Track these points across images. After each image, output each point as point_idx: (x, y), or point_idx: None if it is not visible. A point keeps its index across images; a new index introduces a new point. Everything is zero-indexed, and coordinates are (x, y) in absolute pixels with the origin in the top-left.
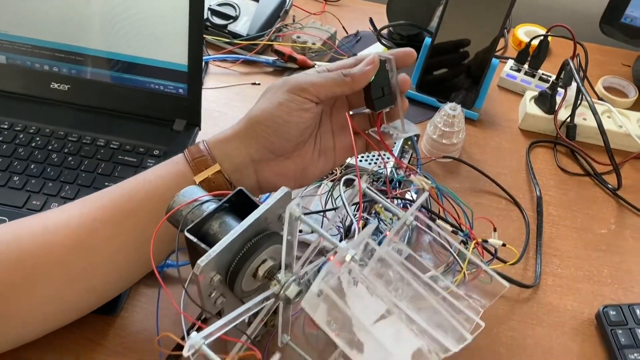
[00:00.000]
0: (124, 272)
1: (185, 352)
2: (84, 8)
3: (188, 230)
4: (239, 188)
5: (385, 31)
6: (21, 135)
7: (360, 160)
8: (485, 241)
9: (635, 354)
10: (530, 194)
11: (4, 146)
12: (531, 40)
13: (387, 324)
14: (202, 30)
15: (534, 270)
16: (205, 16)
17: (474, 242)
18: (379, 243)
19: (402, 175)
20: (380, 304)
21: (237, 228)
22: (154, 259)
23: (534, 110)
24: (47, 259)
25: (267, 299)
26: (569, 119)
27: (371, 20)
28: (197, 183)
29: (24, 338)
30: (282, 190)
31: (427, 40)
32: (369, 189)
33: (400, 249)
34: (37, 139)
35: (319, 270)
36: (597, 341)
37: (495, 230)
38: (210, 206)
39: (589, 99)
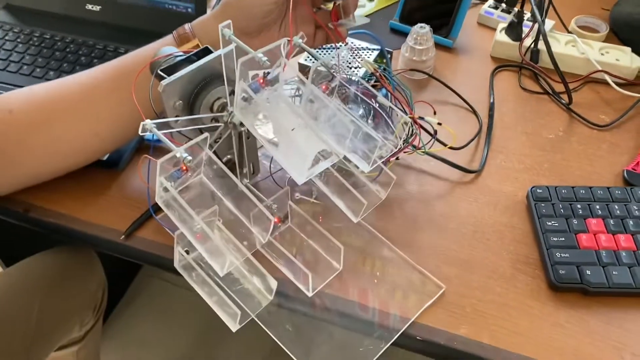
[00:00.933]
0: (122, 123)
1: (140, 132)
2: None
3: (161, 70)
4: (205, 46)
5: None
6: (59, 43)
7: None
8: (422, 118)
9: (552, 221)
10: (489, 105)
11: (45, 50)
12: None
13: (301, 132)
14: None
15: (479, 161)
16: None
17: (410, 116)
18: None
19: (369, 75)
20: (297, 119)
21: (195, 64)
22: (146, 116)
23: (503, 38)
24: (63, 104)
25: (216, 120)
26: (533, 45)
27: None
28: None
29: (42, 172)
30: (234, 44)
31: None
32: (302, 45)
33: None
34: (71, 46)
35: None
36: (525, 216)
37: (435, 113)
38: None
39: (539, 18)
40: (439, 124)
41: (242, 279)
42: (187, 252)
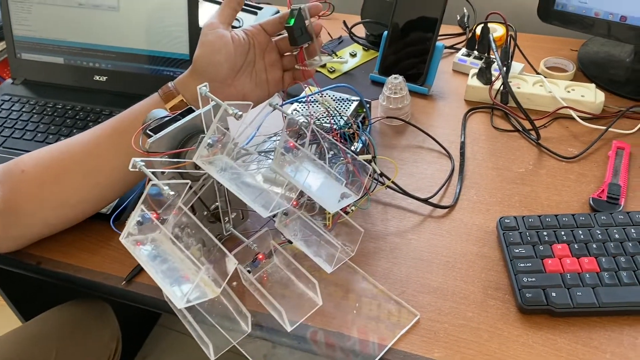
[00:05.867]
0: (121, 174)
1: (130, 167)
2: (118, 18)
3: (149, 130)
4: (188, 107)
5: (363, 34)
6: (69, 112)
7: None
8: (355, 159)
9: (520, 249)
10: (460, 145)
11: (57, 119)
12: (474, 28)
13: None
14: (198, 31)
15: (453, 197)
16: None
17: (345, 161)
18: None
19: (344, 125)
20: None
21: (177, 122)
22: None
23: (475, 82)
24: (68, 161)
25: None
26: (502, 87)
27: (344, 22)
28: (168, 109)
29: (53, 222)
30: (212, 103)
31: (385, 33)
32: (277, 107)
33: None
34: (80, 113)
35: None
36: (495, 245)
37: (374, 157)
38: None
39: (499, 64)
40: (373, 157)
41: (221, 311)
42: None
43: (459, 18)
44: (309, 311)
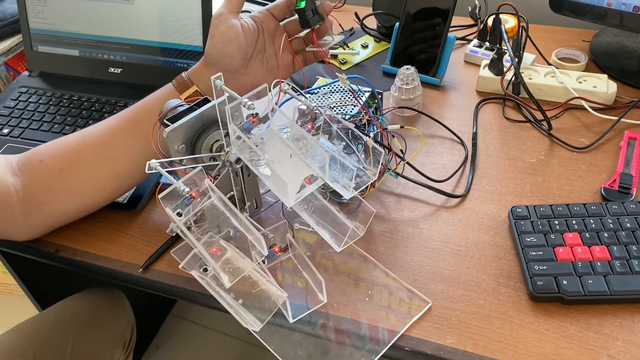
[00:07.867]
0: (137, 164)
1: (146, 170)
2: (132, 11)
3: (166, 120)
4: (205, 97)
5: (374, 26)
6: (85, 103)
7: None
8: (385, 128)
9: (532, 237)
10: (472, 135)
11: (73, 110)
12: (486, 19)
13: (290, 162)
14: None
15: (465, 186)
16: None
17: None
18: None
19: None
20: (287, 149)
21: (193, 112)
22: (155, 158)
23: (486, 73)
24: (85, 151)
25: (214, 159)
26: (513, 78)
27: (356, 14)
28: (183, 99)
29: (70, 211)
30: (226, 95)
31: (397, 24)
32: (289, 92)
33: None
34: (96, 105)
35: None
36: (507, 234)
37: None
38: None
39: (511, 54)
40: (402, 127)
41: (255, 286)
42: (205, 270)
43: (470, 9)
44: (313, 306)
